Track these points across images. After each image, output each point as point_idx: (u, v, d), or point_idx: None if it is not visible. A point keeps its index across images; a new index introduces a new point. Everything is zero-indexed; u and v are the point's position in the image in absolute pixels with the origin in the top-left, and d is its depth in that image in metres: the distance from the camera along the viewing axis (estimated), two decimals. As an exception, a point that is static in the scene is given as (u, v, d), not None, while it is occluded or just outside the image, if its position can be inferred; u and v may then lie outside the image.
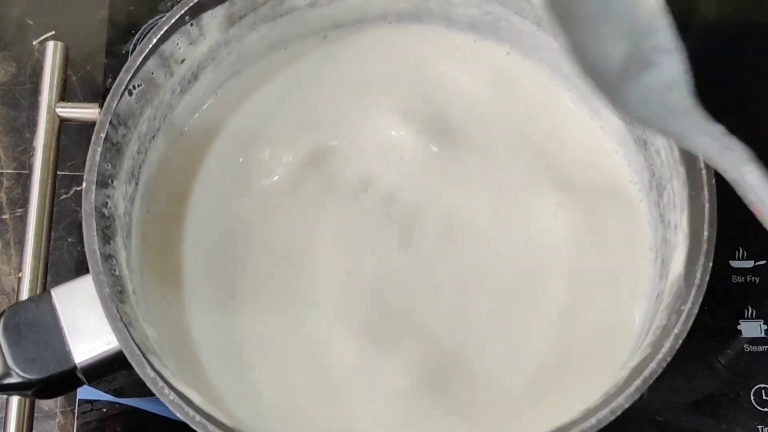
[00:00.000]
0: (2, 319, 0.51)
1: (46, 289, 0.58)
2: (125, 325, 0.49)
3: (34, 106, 0.67)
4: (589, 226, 0.61)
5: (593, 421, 0.48)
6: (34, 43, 0.77)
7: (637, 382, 0.48)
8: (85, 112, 0.66)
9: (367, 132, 0.63)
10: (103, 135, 0.53)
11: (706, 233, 0.52)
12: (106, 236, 0.52)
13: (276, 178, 0.61)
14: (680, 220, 0.54)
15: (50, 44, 0.68)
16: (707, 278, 0.51)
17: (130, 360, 0.49)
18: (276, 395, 0.56)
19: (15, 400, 0.59)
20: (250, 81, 0.64)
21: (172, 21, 0.56)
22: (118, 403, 0.63)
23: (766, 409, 0.62)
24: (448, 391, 0.56)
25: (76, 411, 0.64)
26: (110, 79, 0.70)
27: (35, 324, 0.51)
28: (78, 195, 0.71)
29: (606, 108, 0.62)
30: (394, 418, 0.55)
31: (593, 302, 0.59)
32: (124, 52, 0.71)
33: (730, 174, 0.45)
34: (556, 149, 0.63)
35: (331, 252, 0.59)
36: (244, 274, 0.59)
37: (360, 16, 0.65)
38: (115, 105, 0.54)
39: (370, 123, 0.63)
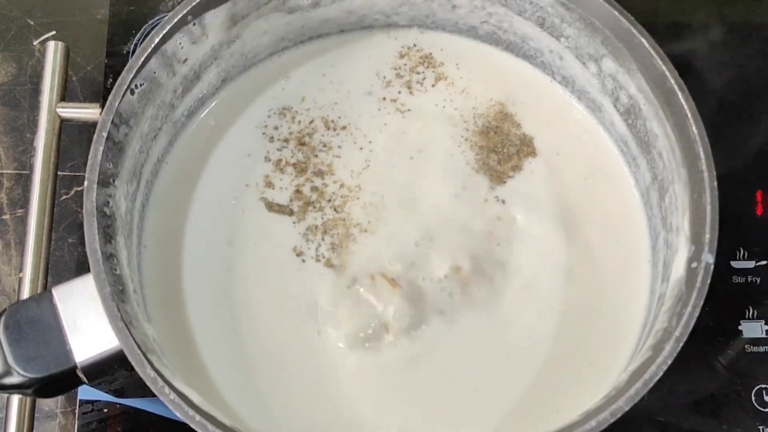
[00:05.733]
0: (3, 318, 0.51)
1: (47, 289, 0.58)
2: (126, 325, 0.49)
3: (35, 106, 0.67)
4: (590, 228, 0.61)
5: (593, 423, 0.48)
6: (34, 43, 0.77)
7: (638, 385, 0.48)
8: (86, 112, 0.66)
9: (367, 135, 0.63)
10: (104, 134, 0.53)
11: (707, 236, 0.52)
12: (108, 235, 0.52)
13: (280, 176, 0.62)
14: (682, 222, 0.54)
15: (51, 44, 0.68)
16: (708, 281, 0.51)
17: (130, 359, 0.49)
18: (277, 392, 0.56)
19: (15, 399, 0.59)
20: (253, 81, 0.64)
21: (175, 20, 0.56)
22: (119, 404, 0.63)
23: (766, 410, 0.62)
24: (448, 391, 0.56)
25: (76, 411, 0.64)
26: (111, 79, 0.70)
27: (36, 323, 0.51)
28: (79, 195, 0.71)
29: (608, 110, 0.62)
30: (395, 412, 0.56)
31: (594, 305, 0.59)
32: (124, 52, 0.71)
33: None
34: (557, 151, 0.63)
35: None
36: (245, 273, 0.59)
37: (362, 19, 0.65)
38: (117, 104, 0.54)
39: (368, 126, 0.63)
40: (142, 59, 0.55)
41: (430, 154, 0.62)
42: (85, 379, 0.52)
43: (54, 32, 0.78)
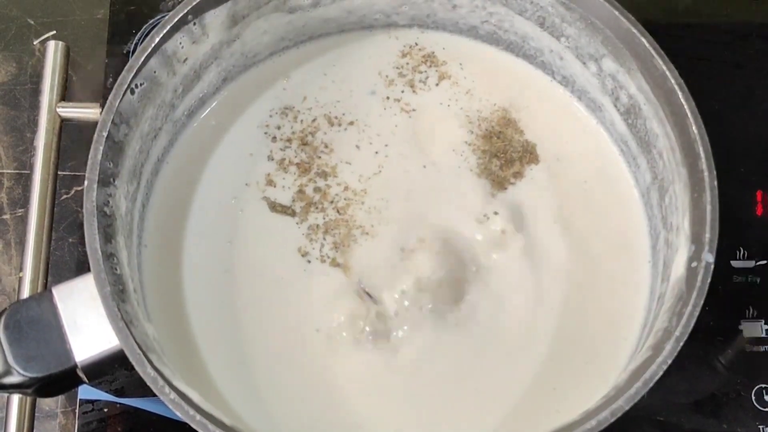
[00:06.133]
0: (3, 318, 0.51)
1: (47, 288, 0.58)
2: (126, 324, 0.49)
3: (35, 105, 0.67)
4: (591, 228, 0.61)
5: (593, 422, 0.47)
6: (35, 42, 0.77)
7: (638, 384, 0.48)
8: (86, 111, 0.67)
9: (380, 135, 0.63)
10: (105, 133, 0.53)
11: (707, 235, 0.52)
12: (108, 235, 0.52)
13: (283, 176, 0.62)
14: (682, 222, 0.54)
15: (51, 44, 0.68)
16: (708, 281, 0.51)
17: (130, 359, 0.49)
18: (277, 392, 0.56)
19: (16, 399, 0.59)
20: (253, 81, 0.64)
21: (175, 20, 0.56)
22: (119, 403, 0.63)
23: (766, 409, 0.62)
24: (448, 390, 0.56)
25: (77, 411, 0.64)
26: (111, 79, 0.70)
27: (36, 322, 0.51)
28: (79, 195, 0.71)
29: (608, 110, 0.62)
30: (394, 413, 0.56)
31: (594, 304, 0.59)
32: (124, 51, 0.71)
33: None
34: (558, 157, 0.63)
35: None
36: (246, 272, 0.59)
37: (362, 19, 0.65)
38: (117, 104, 0.54)
39: (373, 125, 0.63)
40: (143, 59, 0.55)
41: (438, 157, 0.62)
42: (85, 379, 0.52)
43: (54, 32, 0.78)
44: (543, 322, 0.58)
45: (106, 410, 0.63)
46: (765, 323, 0.64)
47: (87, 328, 0.51)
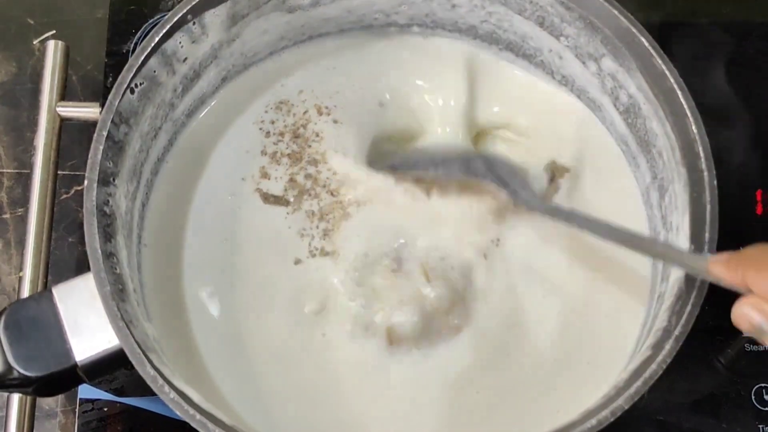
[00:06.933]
0: (3, 317, 0.51)
1: (47, 288, 0.58)
2: (126, 324, 0.49)
3: (35, 105, 0.67)
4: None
5: (593, 422, 0.47)
6: (34, 42, 0.77)
7: (638, 383, 0.48)
8: (86, 111, 0.67)
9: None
10: (105, 133, 0.53)
11: (707, 235, 0.52)
12: (108, 234, 0.52)
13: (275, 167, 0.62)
14: (682, 221, 0.54)
15: (51, 43, 0.68)
16: (708, 280, 0.51)
17: (130, 358, 0.49)
18: (277, 391, 0.56)
19: (16, 398, 0.59)
20: (253, 80, 0.64)
21: (175, 19, 0.56)
22: (119, 402, 0.63)
23: (766, 409, 0.62)
24: (448, 391, 0.56)
25: (76, 410, 0.64)
26: (111, 79, 0.70)
27: (36, 322, 0.51)
28: (79, 195, 0.71)
29: (608, 110, 0.62)
30: (395, 413, 0.56)
31: (594, 304, 0.59)
32: (124, 51, 0.71)
33: None
34: (558, 151, 0.63)
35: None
36: (244, 271, 0.59)
37: (362, 18, 0.65)
38: (117, 103, 0.54)
39: (374, 125, 0.63)
40: (142, 58, 0.55)
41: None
42: (85, 378, 0.52)
43: (54, 31, 0.78)
44: (542, 322, 0.58)
45: (106, 409, 0.63)
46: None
47: (87, 327, 0.51)
